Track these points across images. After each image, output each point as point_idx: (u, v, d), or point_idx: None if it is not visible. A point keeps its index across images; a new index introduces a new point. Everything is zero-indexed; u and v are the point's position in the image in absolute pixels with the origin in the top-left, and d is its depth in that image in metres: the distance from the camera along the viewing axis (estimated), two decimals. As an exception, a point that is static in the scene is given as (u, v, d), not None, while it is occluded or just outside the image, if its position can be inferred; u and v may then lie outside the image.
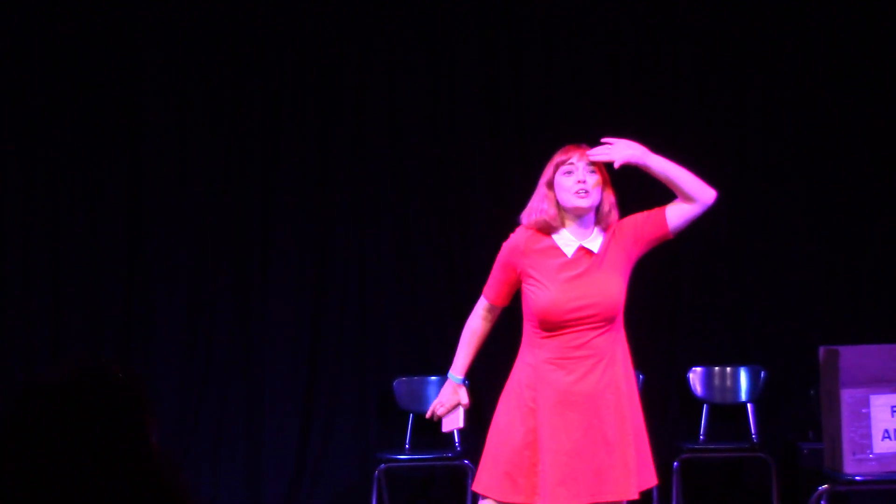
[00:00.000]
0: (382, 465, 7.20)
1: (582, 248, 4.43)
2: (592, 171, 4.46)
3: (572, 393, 4.35)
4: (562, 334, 4.38)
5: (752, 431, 7.37)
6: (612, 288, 4.40)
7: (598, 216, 4.49)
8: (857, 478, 5.74)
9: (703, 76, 7.65)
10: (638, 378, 7.44)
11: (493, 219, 7.65)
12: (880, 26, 7.59)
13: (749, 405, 7.43)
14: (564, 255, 4.42)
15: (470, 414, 7.52)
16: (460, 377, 4.65)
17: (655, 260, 7.59)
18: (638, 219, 4.54)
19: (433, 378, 7.50)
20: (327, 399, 7.58)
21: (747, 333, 7.57)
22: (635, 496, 4.38)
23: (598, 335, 4.38)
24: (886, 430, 5.76)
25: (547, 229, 4.47)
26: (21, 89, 7.61)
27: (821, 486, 5.93)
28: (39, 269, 7.59)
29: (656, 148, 7.68)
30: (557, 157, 4.50)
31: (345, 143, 7.64)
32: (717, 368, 7.50)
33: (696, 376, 7.49)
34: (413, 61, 7.67)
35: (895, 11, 7.58)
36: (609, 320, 4.38)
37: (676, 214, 4.54)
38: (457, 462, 7.25)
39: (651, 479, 4.45)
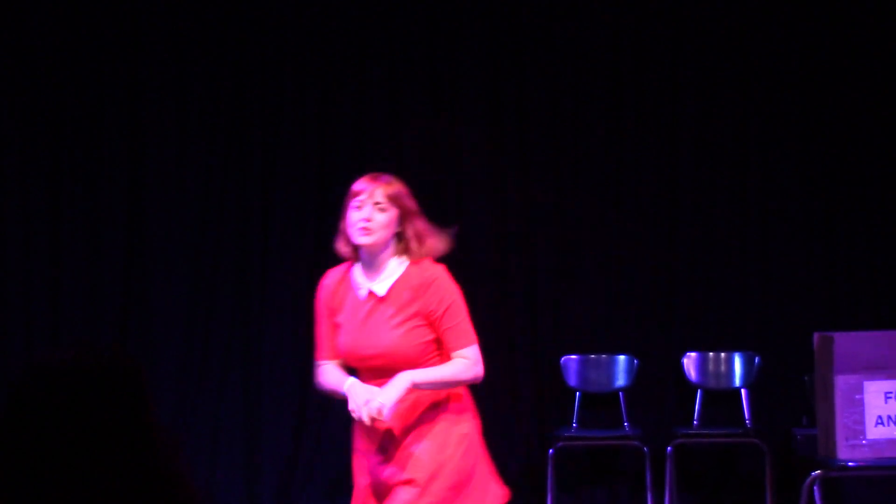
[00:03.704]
0: (377, 449, 7.21)
1: (370, 291, 4.19)
2: (382, 209, 4.19)
3: (371, 432, 4.16)
4: (364, 377, 4.18)
5: (746, 417, 7.39)
6: (397, 336, 4.14)
7: (398, 249, 4.22)
8: (850, 464, 5.76)
9: (704, 64, 7.66)
10: (632, 363, 7.48)
11: (491, 212, 7.67)
12: (879, 24, 7.60)
13: (743, 391, 7.44)
14: (359, 295, 4.21)
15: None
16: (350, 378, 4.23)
17: (650, 245, 7.65)
18: (438, 319, 4.18)
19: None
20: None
21: (742, 319, 7.58)
22: None
23: (386, 379, 4.09)
24: (880, 417, 5.77)
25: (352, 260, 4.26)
26: (22, 74, 7.60)
27: (814, 471, 5.94)
28: (38, 259, 7.58)
29: (659, 140, 7.70)
30: (353, 188, 4.28)
31: (345, 136, 7.64)
32: (711, 354, 7.51)
33: (690, 362, 7.50)
34: (414, 59, 7.67)
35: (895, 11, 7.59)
36: (391, 365, 4.11)
37: None
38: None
39: None
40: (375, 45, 7.67)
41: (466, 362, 4.22)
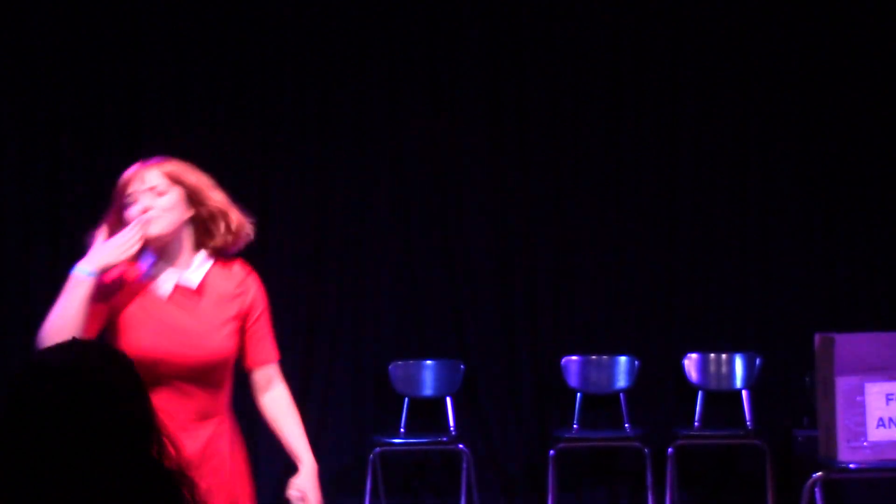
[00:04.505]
0: (377, 449, 7.21)
1: (178, 286, 3.54)
2: (161, 192, 3.50)
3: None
4: (158, 387, 3.48)
5: (747, 418, 7.38)
6: (222, 338, 3.63)
7: (196, 235, 3.58)
8: (851, 465, 5.75)
9: (704, 64, 7.65)
10: (633, 364, 7.47)
11: (489, 205, 7.67)
12: (879, 24, 7.59)
13: (744, 392, 7.43)
14: (159, 292, 3.53)
15: (466, 398, 7.57)
16: None
17: (650, 245, 7.64)
18: (253, 322, 3.79)
19: (429, 362, 7.51)
20: (323, 383, 7.58)
21: (743, 320, 7.58)
22: None
23: (199, 389, 3.67)
24: (881, 418, 5.76)
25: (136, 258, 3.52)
26: (22, 73, 7.59)
27: (815, 473, 5.93)
28: (38, 259, 7.57)
29: (659, 140, 7.69)
30: (120, 182, 3.57)
31: (345, 136, 7.63)
32: (712, 355, 7.50)
33: (691, 363, 7.50)
34: (414, 59, 7.66)
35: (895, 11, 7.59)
36: (209, 372, 3.66)
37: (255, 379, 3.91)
38: (451, 446, 7.26)
39: None
40: (375, 45, 7.66)
41: (285, 389, 3.98)
